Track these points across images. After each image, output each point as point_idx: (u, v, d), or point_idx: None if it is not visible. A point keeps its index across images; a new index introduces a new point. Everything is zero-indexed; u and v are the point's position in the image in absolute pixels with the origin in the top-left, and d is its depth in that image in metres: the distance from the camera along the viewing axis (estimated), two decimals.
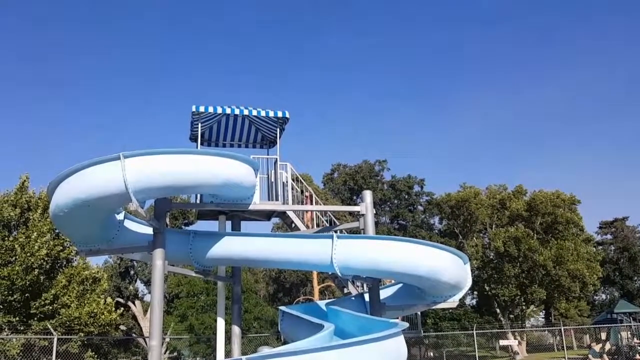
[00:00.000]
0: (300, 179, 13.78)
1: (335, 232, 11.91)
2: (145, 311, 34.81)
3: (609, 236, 70.69)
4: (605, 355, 30.16)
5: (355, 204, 37.75)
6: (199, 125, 12.05)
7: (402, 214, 56.07)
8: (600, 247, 63.32)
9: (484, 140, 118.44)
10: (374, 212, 12.28)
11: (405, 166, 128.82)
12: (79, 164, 8.67)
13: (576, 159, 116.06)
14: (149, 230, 10.48)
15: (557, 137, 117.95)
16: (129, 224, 10.87)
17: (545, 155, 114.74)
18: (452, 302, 11.58)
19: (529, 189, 51.28)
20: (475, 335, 22.83)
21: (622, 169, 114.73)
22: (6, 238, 18.84)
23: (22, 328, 18.36)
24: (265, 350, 7.26)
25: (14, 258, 18.28)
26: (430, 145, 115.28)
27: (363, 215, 11.82)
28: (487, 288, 49.24)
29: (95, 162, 8.54)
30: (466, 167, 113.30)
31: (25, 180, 20.45)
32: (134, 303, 36.24)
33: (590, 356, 31.58)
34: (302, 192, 13.25)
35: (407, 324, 8.32)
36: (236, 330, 12.72)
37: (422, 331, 15.47)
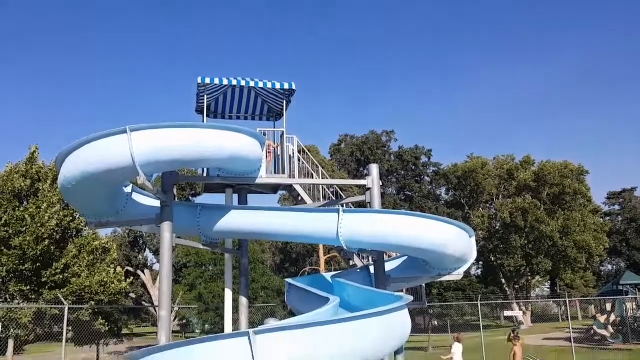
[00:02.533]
0: (307, 151, 13.76)
1: (342, 205, 11.95)
2: (154, 280, 35.36)
3: (616, 207, 70.43)
4: (610, 327, 30.41)
5: (362, 176, 37.73)
6: (205, 97, 11.98)
7: (409, 185, 56.02)
8: (607, 218, 63.13)
9: (494, 111, 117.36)
10: (381, 184, 12.28)
11: (413, 136, 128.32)
12: (86, 137, 8.69)
13: (587, 129, 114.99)
14: (156, 203, 10.56)
15: (568, 107, 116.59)
16: (137, 196, 10.95)
17: (555, 126, 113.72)
18: (457, 275, 11.66)
19: (537, 159, 50.94)
20: (479, 306, 23.01)
21: (633, 138, 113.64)
22: (17, 208, 19.05)
23: (33, 297, 18.72)
24: (271, 323, 7.35)
25: (24, 228, 18.50)
26: (439, 116, 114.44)
27: (369, 189, 11.83)
28: (492, 259, 49.51)
29: (102, 136, 8.55)
30: (475, 137, 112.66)
31: (35, 151, 20.56)
32: (143, 272, 36.84)
33: (595, 327, 31.86)
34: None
35: (411, 297, 8.40)
36: (243, 300, 12.90)
37: (426, 302, 15.64)
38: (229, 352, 6.36)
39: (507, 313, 38.18)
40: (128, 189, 10.65)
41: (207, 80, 11.46)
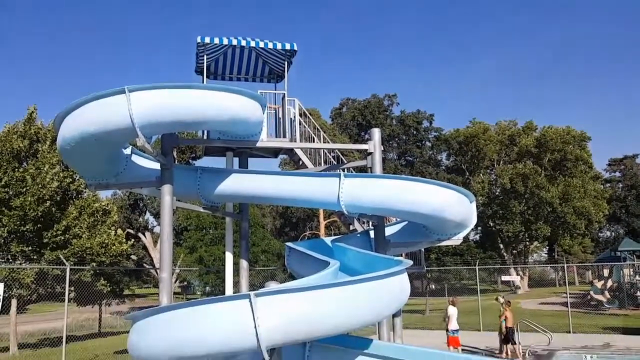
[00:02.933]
0: (309, 114, 13.60)
1: (343, 170, 11.87)
2: (155, 242, 35.63)
3: (617, 174, 70.38)
4: (606, 292, 30.78)
5: (364, 141, 37.50)
6: (205, 57, 11.76)
7: (410, 150, 55.84)
8: (608, 185, 63.16)
9: (498, 77, 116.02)
10: (382, 149, 12.17)
11: (415, 101, 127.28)
12: (84, 97, 8.55)
13: (590, 94, 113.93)
14: (156, 166, 10.47)
15: (572, 73, 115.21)
16: (136, 159, 10.87)
17: (559, 92, 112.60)
18: (457, 240, 11.69)
19: (540, 125, 50.64)
20: (477, 271, 23.26)
21: (636, 105, 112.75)
22: (17, 169, 18.99)
23: (35, 257, 18.86)
24: (272, 286, 7.37)
25: (25, 189, 18.48)
26: (442, 80, 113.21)
27: (371, 153, 11.72)
28: (491, 224, 49.78)
29: (100, 96, 8.40)
30: (478, 102, 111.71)
31: (33, 112, 20.34)
32: (144, 234, 37.07)
33: (592, 292, 32.27)
34: None
35: (411, 262, 8.42)
36: (244, 263, 12.99)
37: (425, 267, 15.75)
38: (230, 314, 6.39)
39: (505, 277, 38.63)
40: (127, 151, 10.55)
41: (207, 40, 11.22)
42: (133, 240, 24.75)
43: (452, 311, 15.50)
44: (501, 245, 50.35)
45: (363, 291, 6.97)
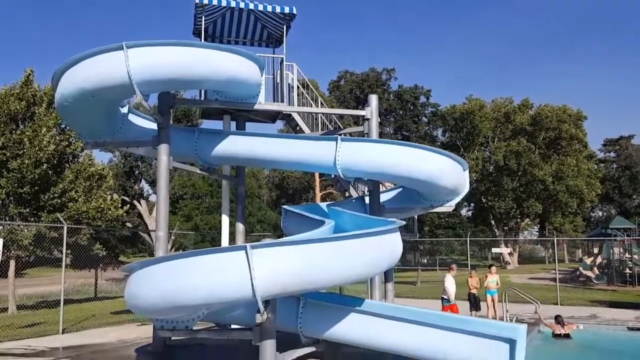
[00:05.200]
0: (308, 82, 13.62)
1: (340, 135, 11.97)
2: (150, 210, 35.75)
3: (612, 154, 70.61)
4: (595, 268, 31.25)
5: None
6: (203, 18, 11.73)
7: (406, 125, 55.85)
8: (602, 165, 63.50)
9: (497, 53, 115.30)
10: (379, 121, 12.25)
11: (413, 76, 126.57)
12: (82, 53, 8.57)
13: (588, 73, 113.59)
14: (153, 126, 10.54)
15: (571, 51, 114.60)
16: (133, 118, 10.92)
17: (557, 69, 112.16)
18: (449, 207, 11.90)
19: (536, 103, 50.66)
20: (468, 243, 23.56)
21: (634, 86, 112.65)
22: (14, 131, 18.97)
23: (32, 220, 18.97)
24: (268, 240, 7.55)
25: (22, 152, 18.50)
26: (441, 56, 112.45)
27: (368, 119, 11.81)
28: (484, 200, 50.16)
29: (98, 52, 8.43)
30: (475, 79, 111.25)
31: (30, 74, 20.20)
32: (139, 202, 37.16)
33: (581, 268, 32.77)
34: None
35: (403, 222, 8.59)
36: (240, 227, 13.16)
37: (417, 234, 15.97)
38: (226, 265, 6.56)
39: (495, 250, 39.10)
40: (124, 110, 10.60)
41: (206, 1, 11.17)
42: (128, 206, 24.77)
43: (449, 280, 15.01)
44: (493, 222, 50.80)
45: (356, 247, 7.15)
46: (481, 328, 7.68)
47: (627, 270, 29.19)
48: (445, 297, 14.82)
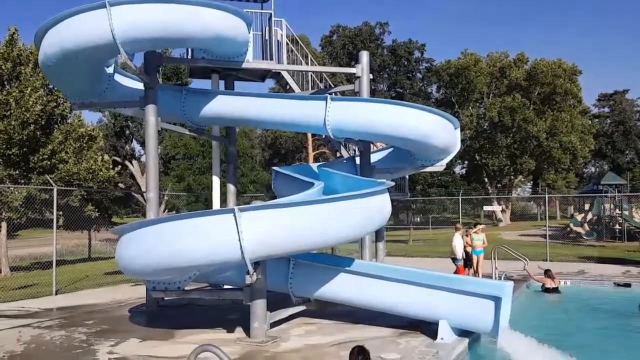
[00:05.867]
0: (297, 38, 13.32)
1: (330, 94, 11.79)
2: (142, 171, 35.59)
3: (606, 109, 70.40)
4: (585, 225, 31.64)
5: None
6: None
7: (400, 81, 55.31)
8: (596, 120, 63.34)
9: (493, 5, 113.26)
10: (372, 77, 12.05)
11: (408, 30, 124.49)
12: (64, 11, 8.30)
13: (585, 27, 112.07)
14: (140, 86, 10.33)
15: (568, 5, 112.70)
16: (120, 78, 10.70)
17: (553, 23, 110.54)
18: (440, 166, 11.87)
19: (532, 57, 50.08)
20: (460, 202, 23.67)
21: (631, 38, 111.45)
22: (0, 92, 18.64)
23: (22, 182, 18.83)
24: (257, 203, 7.52)
25: (9, 112, 18.21)
26: (435, 5, 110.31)
27: (358, 77, 11.63)
28: (477, 158, 50.24)
29: (80, 10, 8.16)
30: (471, 33, 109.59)
31: (14, 33, 19.65)
32: (131, 162, 36.99)
33: (571, 224, 33.16)
34: None
35: (392, 183, 8.58)
36: (231, 188, 13.11)
37: (408, 194, 15.96)
38: (214, 228, 6.55)
39: (487, 207, 39.32)
40: (110, 70, 10.37)
41: None
42: (120, 167, 24.63)
43: (457, 239, 14.23)
44: (486, 179, 51.04)
45: (344, 209, 7.14)
46: (468, 286, 7.79)
47: (617, 227, 29.57)
48: (457, 257, 14.05)
